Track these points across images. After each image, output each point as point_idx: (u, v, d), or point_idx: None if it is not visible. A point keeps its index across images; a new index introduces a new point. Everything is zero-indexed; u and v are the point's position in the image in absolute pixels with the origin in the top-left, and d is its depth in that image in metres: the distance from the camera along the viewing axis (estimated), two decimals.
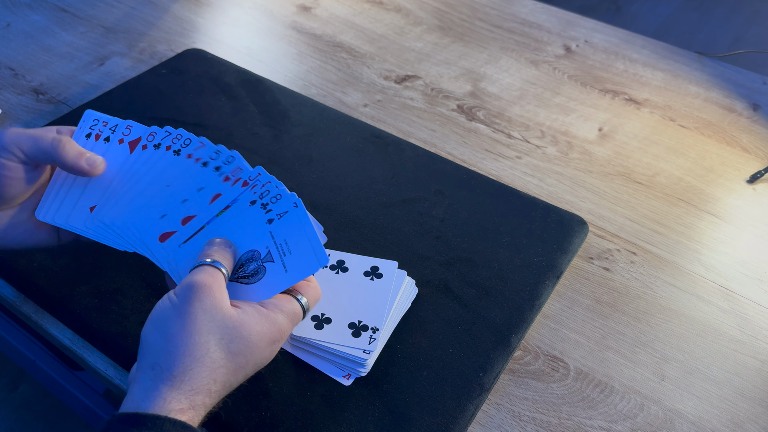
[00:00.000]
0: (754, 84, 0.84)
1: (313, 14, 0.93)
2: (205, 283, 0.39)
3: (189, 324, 0.38)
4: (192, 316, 0.38)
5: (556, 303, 0.57)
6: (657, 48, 0.89)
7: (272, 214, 0.43)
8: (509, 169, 0.70)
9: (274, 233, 0.43)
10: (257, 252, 0.43)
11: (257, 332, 0.40)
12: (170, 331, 0.38)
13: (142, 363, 0.38)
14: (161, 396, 0.37)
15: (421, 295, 0.55)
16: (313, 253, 0.42)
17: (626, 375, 0.52)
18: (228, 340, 0.39)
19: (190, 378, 0.37)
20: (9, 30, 0.87)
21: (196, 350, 0.38)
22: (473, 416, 0.48)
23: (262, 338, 0.40)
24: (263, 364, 0.41)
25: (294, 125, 0.71)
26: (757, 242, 0.64)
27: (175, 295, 0.39)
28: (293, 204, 0.43)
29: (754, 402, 0.51)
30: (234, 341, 0.39)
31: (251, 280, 0.43)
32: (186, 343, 0.38)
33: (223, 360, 0.38)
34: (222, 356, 0.38)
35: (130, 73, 0.80)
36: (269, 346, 0.41)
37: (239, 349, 0.39)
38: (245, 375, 0.40)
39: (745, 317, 0.57)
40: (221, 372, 0.38)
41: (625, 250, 0.62)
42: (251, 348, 0.39)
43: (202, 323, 0.38)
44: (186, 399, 0.37)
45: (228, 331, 0.39)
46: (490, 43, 0.89)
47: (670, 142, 0.75)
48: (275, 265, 0.43)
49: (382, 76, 0.82)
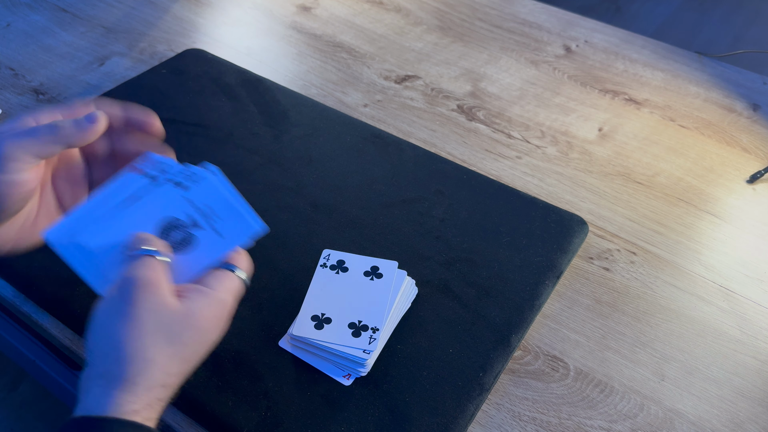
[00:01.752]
0: (754, 84, 0.84)
1: (313, 14, 0.93)
2: (146, 279, 0.38)
3: (136, 329, 0.37)
4: (138, 320, 0.37)
5: (556, 303, 0.57)
6: (657, 48, 0.89)
7: (187, 185, 0.42)
8: (509, 169, 0.70)
9: (193, 200, 0.42)
10: (176, 219, 0.42)
11: (206, 317, 0.39)
12: (117, 338, 0.37)
13: (92, 372, 0.38)
14: (114, 401, 0.36)
15: (421, 295, 0.55)
16: (244, 216, 0.42)
17: (626, 375, 0.53)
18: (178, 333, 0.38)
19: (143, 379, 0.37)
20: (9, 30, 0.87)
21: (147, 352, 0.37)
22: (473, 416, 0.48)
23: (211, 322, 0.40)
24: (216, 343, 0.41)
25: (294, 125, 0.71)
26: (757, 242, 0.64)
27: (116, 295, 0.38)
28: (211, 172, 0.42)
29: (754, 402, 0.51)
30: (185, 332, 0.38)
31: (183, 250, 0.42)
32: (135, 347, 0.37)
33: (176, 353, 0.38)
34: (174, 350, 0.38)
35: (131, 73, 0.80)
36: (219, 326, 0.41)
37: (191, 338, 0.39)
38: (200, 358, 0.40)
39: (745, 317, 0.57)
40: (175, 364, 0.38)
41: (625, 250, 0.62)
42: (202, 334, 0.39)
43: (150, 325, 0.37)
44: (140, 399, 0.36)
45: (177, 326, 0.38)
46: (490, 43, 0.89)
47: (670, 142, 0.75)
48: (207, 233, 0.42)
49: (382, 76, 0.82)
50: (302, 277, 0.55)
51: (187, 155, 0.66)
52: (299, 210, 0.61)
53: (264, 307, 0.53)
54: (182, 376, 0.39)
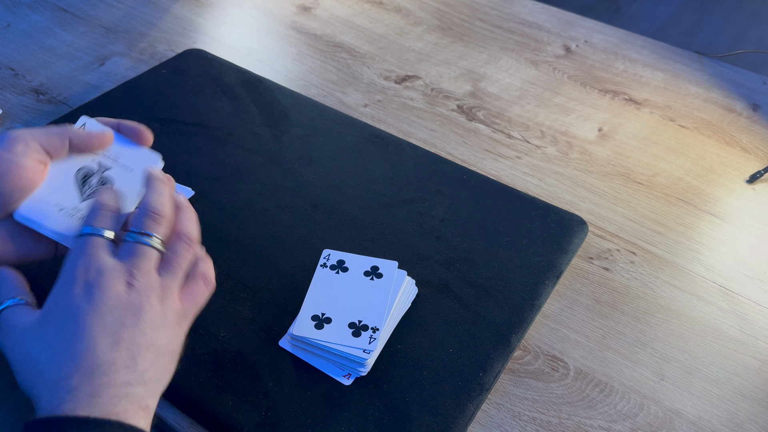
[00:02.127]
0: (754, 84, 0.84)
1: (313, 14, 0.94)
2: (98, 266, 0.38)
3: (87, 327, 0.36)
4: (95, 313, 0.36)
5: (556, 303, 0.58)
6: (657, 48, 0.89)
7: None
8: (509, 169, 0.70)
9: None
10: (89, 168, 0.45)
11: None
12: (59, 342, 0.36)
13: (37, 381, 0.36)
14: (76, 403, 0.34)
15: (421, 295, 0.55)
16: (140, 148, 0.47)
17: (626, 375, 0.53)
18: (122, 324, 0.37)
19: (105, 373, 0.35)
20: (9, 30, 0.87)
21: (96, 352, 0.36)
22: (473, 416, 0.48)
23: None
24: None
25: (294, 125, 0.71)
26: (757, 242, 0.64)
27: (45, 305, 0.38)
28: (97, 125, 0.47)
29: (754, 402, 0.51)
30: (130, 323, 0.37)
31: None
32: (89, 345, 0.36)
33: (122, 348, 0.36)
34: (118, 346, 0.36)
35: (131, 73, 0.80)
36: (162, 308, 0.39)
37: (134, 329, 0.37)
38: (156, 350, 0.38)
39: (745, 317, 0.57)
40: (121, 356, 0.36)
41: (625, 250, 0.62)
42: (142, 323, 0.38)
43: (101, 321, 0.36)
44: (101, 392, 0.35)
45: (126, 316, 0.37)
46: (490, 43, 0.90)
47: (669, 142, 0.75)
48: (117, 170, 0.45)
49: (382, 76, 0.82)
50: (302, 277, 0.55)
51: (187, 155, 0.66)
52: (299, 210, 0.61)
53: (264, 307, 0.53)
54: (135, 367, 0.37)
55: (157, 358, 0.38)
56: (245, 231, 0.59)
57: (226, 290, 0.54)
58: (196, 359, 0.50)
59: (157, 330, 0.38)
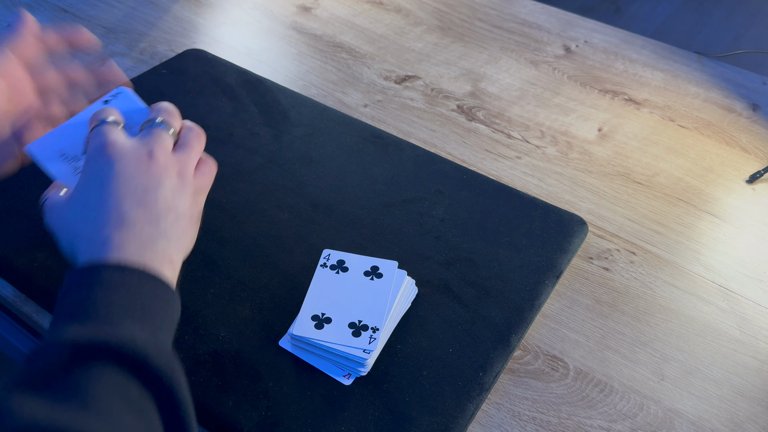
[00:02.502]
0: (754, 84, 0.84)
1: (313, 14, 0.94)
2: (111, 139, 0.43)
3: (120, 186, 0.41)
4: (120, 176, 0.42)
5: (556, 303, 0.58)
6: (657, 48, 0.89)
7: (107, 99, 0.50)
8: (509, 169, 0.71)
9: (111, 105, 0.49)
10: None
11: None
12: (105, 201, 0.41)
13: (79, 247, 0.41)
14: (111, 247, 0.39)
15: (421, 295, 0.55)
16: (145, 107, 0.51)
17: (626, 375, 0.53)
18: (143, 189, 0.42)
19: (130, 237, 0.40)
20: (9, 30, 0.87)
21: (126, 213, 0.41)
22: (473, 416, 0.48)
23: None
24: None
25: (294, 125, 0.71)
26: (756, 242, 0.64)
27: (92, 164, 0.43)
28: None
29: (754, 402, 0.51)
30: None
31: None
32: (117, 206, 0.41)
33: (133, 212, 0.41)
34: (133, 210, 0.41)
35: (131, 73, 0.80)
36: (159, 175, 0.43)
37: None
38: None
39: (745, 317, 0.57)
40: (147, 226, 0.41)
41: (625, 250, 0.63)
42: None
43: (128, 183, 0.42)
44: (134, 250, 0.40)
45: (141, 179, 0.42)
46: (490, 44, 0.90)
47: (669, 142, 0.75)
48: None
49: (382, 77, 0.82)
50: (302, 277, 0.55)
51: None
52: (299, 210, 0.61)
53: (264, 307, 0.53)
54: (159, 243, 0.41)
55: (178, 220, 0.43)
56: (245, 231, 0.59)
57: (226, 290, 0.54)
58: (196, 359, 0.50)
59: (176, 196, 0.43)
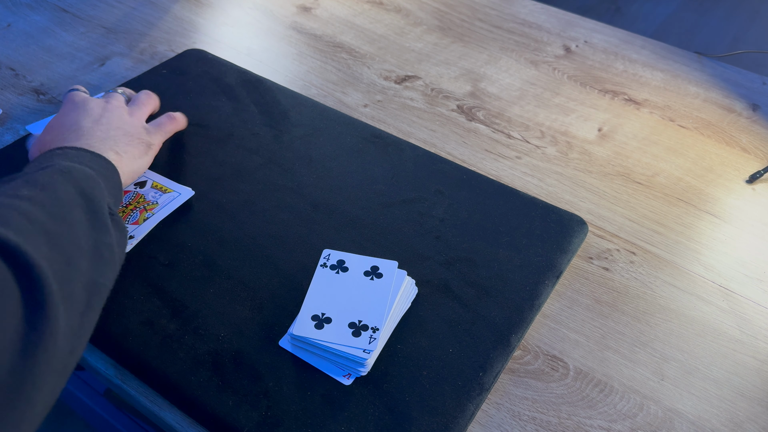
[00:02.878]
0: (754, 84, 0.84)
1: (313, 15, 0.94)
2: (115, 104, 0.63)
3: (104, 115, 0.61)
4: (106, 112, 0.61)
5: (556, 303, 0.58)
6: (657, 48, 0.89)
7: None
8: (509, 169, 0.71)
9: None
10: None
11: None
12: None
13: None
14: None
15: (421, 295, 0.55)
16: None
17: (626, 375, 0.53)
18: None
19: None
20: (9, 30, 0.87)
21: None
22: (473, 416, 0.48)
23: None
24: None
25: (294, 125, 0.71)
26: (756, 242, 0.64)
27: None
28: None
29: (754, 402, 0.51)
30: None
31: None
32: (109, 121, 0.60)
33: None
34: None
35: (131, 73, 0.80)
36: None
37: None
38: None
39: (745, 317, 0.57)
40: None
41: (625, 250, 0.63)
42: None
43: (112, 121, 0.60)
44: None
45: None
46: (489, 44, 0.90)
47: (669, 142, 0.75)
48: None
49: (382, 77, 0.82)
50: (302, 277, 0.55)
51: (187, 155, 0.66)
52: (299, 210, 0.62)
53: (264, 307, 0.53)
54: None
55: (125, 135, 0.59)
56: (245, 231, 0.59)
57: (226, 290, 0.54)
58: (196, 359, 0.50)
59: (125, 123, 0.60)
